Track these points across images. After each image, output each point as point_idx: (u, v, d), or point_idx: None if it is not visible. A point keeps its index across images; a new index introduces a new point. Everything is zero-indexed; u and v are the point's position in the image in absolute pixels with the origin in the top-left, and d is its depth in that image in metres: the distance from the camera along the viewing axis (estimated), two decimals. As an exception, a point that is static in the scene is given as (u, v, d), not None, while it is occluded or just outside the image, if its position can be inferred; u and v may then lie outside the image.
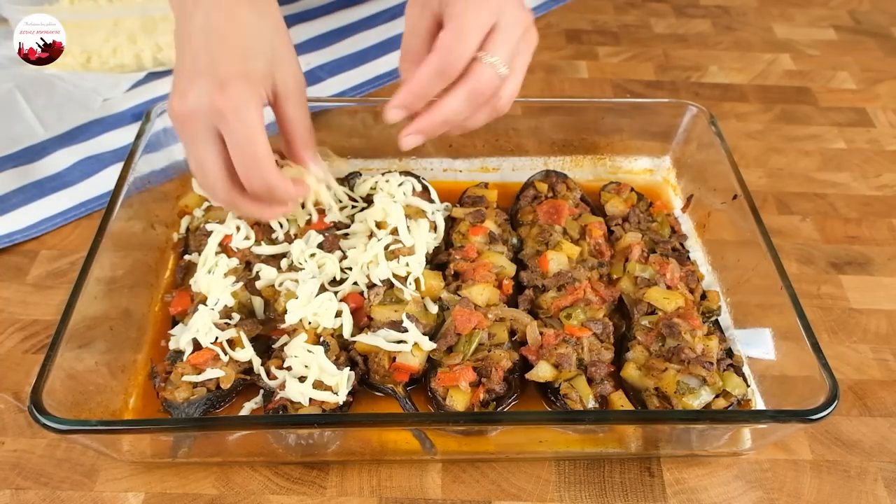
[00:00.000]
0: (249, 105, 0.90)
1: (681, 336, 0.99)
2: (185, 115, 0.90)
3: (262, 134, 0.91)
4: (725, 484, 0.95)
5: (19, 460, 0.94)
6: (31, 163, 1.30)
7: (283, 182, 0.95)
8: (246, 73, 0.91)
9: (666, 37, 1.74)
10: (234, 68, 0.90)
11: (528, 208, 1.21)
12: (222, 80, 0.89)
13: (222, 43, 0.92)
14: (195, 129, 0.91)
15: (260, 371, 0.97)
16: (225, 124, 0.89)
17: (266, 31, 0.95)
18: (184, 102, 0.90)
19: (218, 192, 0.95)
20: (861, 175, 1.39)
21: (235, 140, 0.90)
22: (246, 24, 0.94)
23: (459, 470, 0.95)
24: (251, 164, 0.91)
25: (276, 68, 0.95)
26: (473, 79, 0.95)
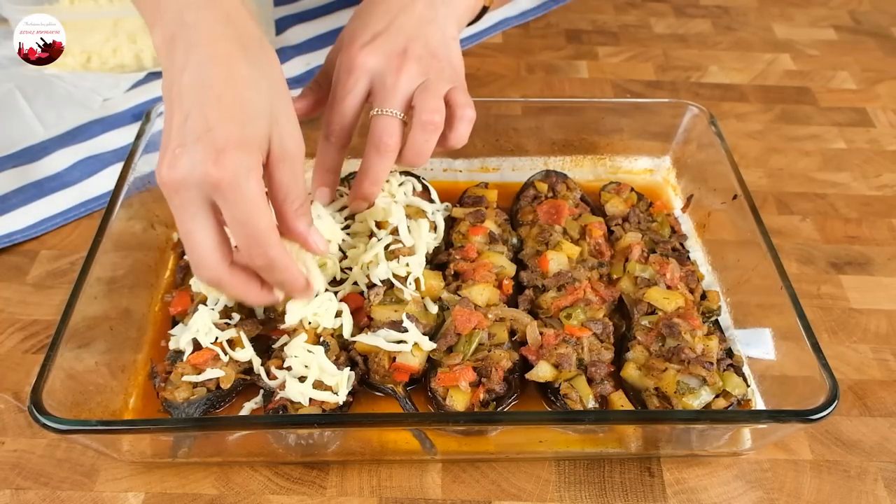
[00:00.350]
0: (249, 176, 0.80)
1: (681, 336, 0.99)
2: (175, 184, 0.80)
3: (264, 207, 0.82)
4: (725, 484, 0.95)
5: (19, 460, 0.94)
6: (31, 163, 1.30)
7: (288, 260, 0.87)
8: (244, 140, 0.81)
9: (666, 37, 1.74)
10: (232, 135, 0.80)
11: (528, 208, 1.21)
12: (218, 148, 0.79)
13: (218, 103, 0.81)
14: (185, 200, 0.81)
15: (260, 371, 0.97)
16: (223, 199, 0.80)
17: (265, 89, 0.85)
18: (174, 170, 0.80)
19: (207, 269, 0.85)
20: (861, 175, 1.39)
21: (235, 216, 0.81)
22: (244, 82, 0.83)
23: (459, 470, 0.95)
24: (254, 239, 0.82)
25: (273, 130, 0.84)
26: (372, 135, 0.98)
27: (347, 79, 1.00)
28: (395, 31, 1.01)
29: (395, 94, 0.98)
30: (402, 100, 0.99)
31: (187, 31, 0.84)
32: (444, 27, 1.04)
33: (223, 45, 0.84)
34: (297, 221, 0.89)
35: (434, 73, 1.00)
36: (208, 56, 0.83)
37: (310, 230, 0.90)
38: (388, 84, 0.99)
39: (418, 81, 0.99)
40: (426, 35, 1.02)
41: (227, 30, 0.85)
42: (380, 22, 1.02)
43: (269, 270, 0.86)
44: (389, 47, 1.00)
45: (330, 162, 1.04)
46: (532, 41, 1.70)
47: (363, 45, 1.00)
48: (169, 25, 0.86)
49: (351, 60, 1.00)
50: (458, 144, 1.01)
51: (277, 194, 0.86)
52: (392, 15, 1.02)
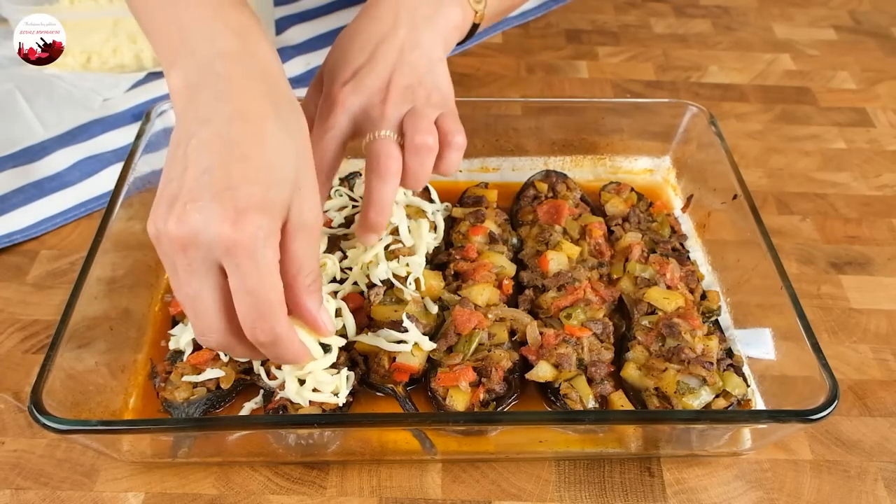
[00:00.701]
0: (267, 243, 0.74)
1: (681, 336, 0.99)
2: (182, 241, 0.73)
3: (277, 278, 0.76)
4: (725, 484, 0.95)
5: (19, 460, 0.94)
6: (31, 163, 1.30)
7: (294, 338, 0.81)
8: (267, 204, 0.74)
9: (666, 37, 1.74)
10: (255, 196, 0.73)
11: (528, 208, 1.21)
12: (239, 208, 0.72)
13: (244, 162, 0.75)
14: (194, 259, 0.74)
15: (260, 371, 0.97)
16: (234, 264, 0.73)
17: (292, 152, 0.79)
18: (183, 225, 0.73)
19: (215, 335, 0.79)
20: (861, 175, 1.39)
21: (245, 285, 0.74)
22: (273, 144, 0.77)
23: (459, 470, 0.95)
24: (261, 314, 0.75)
25: (294, 198, 0.78)
26: (371, 161, 0.91)
27: (328, 117, 0.94)
28: (377, 63, 0.95)
29: (384, 121, 0.92)
30: (394, 124, 0.93)
31: (217, 81, 0.79)
32: (429, 51, 0.98)
33: (256, 103, 0.79)
34: (307, 299, 0.82)
35: (421, 100, 0.95)
36: (238, 112, 0.77)
37: (320, 310, 0.84)
38: (375, 116, 0.93)
39: (405, 109, 0.93)
40: (410, 62, 0.95)
41: (261, 87, 0.80)
42: (360, 55, 0.96)
43: (272, 346, 0.79)
44: (371, 83, 0.94)
45: None
46: (532, 41, 1.70)
47: (344, 84, 0.94)
48: (194, 71, 0.80)
49: (332, 99, 0.94)
50: (449, 173, 0.96)
51: (290, 267, 0.79)
52: (373, 46, 0.96)
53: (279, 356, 0.82)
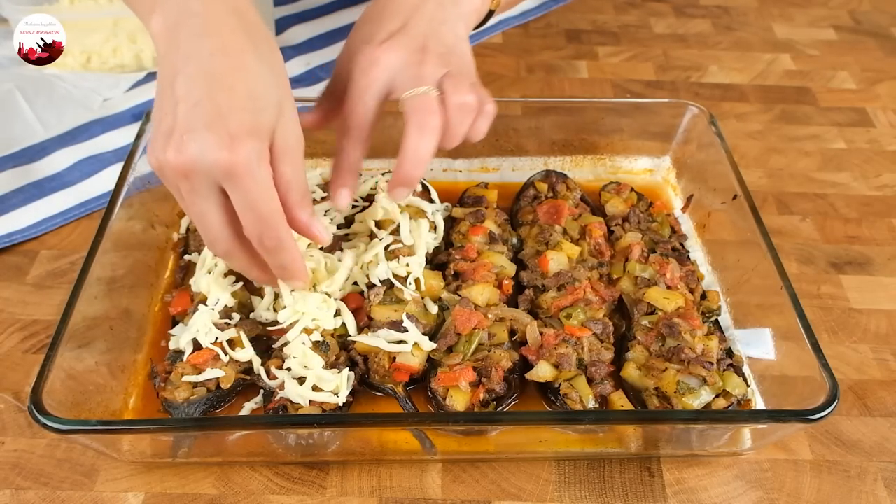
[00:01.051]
0: (260, 163, 0.82)
1: (681, 336, 0.99)
2: (184, 168, 0.81)
3: (274, 191, 0.84)
4: (725, 484, 0.95)
5: (19, 460, 0.94)
6: (31, 163, 1.30)
7: (295, 246, 0.89)
8: (256, 128, 0.82)
9: (666, 37, 1.74)
10: (245, 122, 0.81)
11: (528, 208, 1.21)
12: (232, 134, 0.80)
13: (229, 91, 0.82)
14: (196, 184, 0.82)
15: (260, 371, 0.97)
16: (235, 184, 0.82)
17: (272, 83, 0.86)
18: (182, 154, 0.80)
19: (221, 245, 0.88)
20: (861, 175, 1.39)
21: (247, 201, 0.83)
22: (254, 74, 0.85)
23: (459, 470, 0.95)
24: (264, 223, 0.84)
25: (278, 125, 0.86)
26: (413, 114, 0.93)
27: (368, 73, 0.97)
28: (411, 29, 0.99)
29: (423, 80, 0.95)
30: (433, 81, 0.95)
31: (193, 20, 0.85)
32: (454, 27, 1.03)
33: (233, 37, 0.85)
34: (300, 212, 0.89)
35: (455, 67, 0.98)
36: (218, 46, 0.84)
37: (312, 220, 0.91)
38: (413, 74, 0.96)
39: (442, 72, 0.97)
40: (441, 34, 1.01)
41: (237, 22, 0.86)
42: (393, 22, 1.00)
43: (277, 252, 0.87)
44: (409, 43, 0.98)
45: (349, 161, 1.00)
46: (532, 41, 1.70)
47: (381, 42, 0.98)
48: (171, 13, 0.86)
49: (371, 56, 0.97)
50: (476, 138, 1.00)
51: (280, 186, 0.87)
52: (405, 15, 1.01)
53: (283, 263, 0.90)
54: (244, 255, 0.90)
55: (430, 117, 0.93)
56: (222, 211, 0.85)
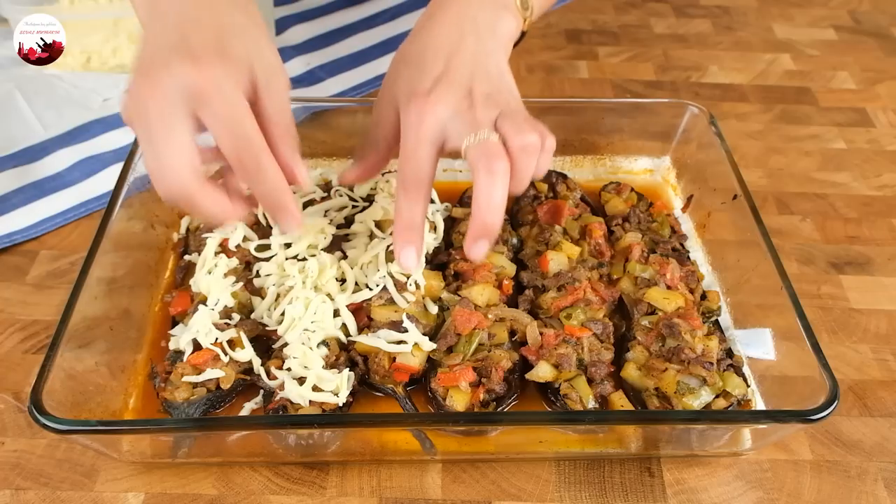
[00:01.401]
0: (232, 84, 0.81)
1: (681, 336, 0.99)
2: (152, 96, 0.78)
3: (248, 111, 0.82)
4: (725, 484, 0.95)
5: (19, 460, 0.94)
6: (31, 163, 1.30)
7: (278, 169, 0.85)
8: (222, 53, 0.81)
9: (666, 37, 1.74)
10: (209, 47, 0.81)
11: (528, 208, 1.21)
12: (197, 56, 0.79)
13: (196, 24, 0.82)
14: (164, 110, 0.79)
15: (260, 371, 0.97)
16: (206, 104, 0.80)
17: (242, 21, 0.86)
18: (149, 81, 0.79)
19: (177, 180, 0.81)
20: (861, 175, 1.39)
21: (221, 118, 0.80)
22: (225, 13, 0.86)
23: (459, 470, 0.95)
24: (243, 143, 0.82)
25: (255, 59, 0.85)
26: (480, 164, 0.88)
27: (420, 126, 0.91)
28: (455, 72, 0.94)
29: (479, 124, 0.90)
30: (491, 128, 0.90)
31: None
32: (497, 59, 0.98)
33: None
34: (283, 147, 0.87)
35: (504, 105, 0.94)
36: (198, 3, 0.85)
37: (296, 157, 0.88)
38: (468, 121, 0.91)
39: (495, 114, 0.92)
40: (485, 70, 0.95)
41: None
42: (436, 65, 0.94)
43: (259, 174, 0.84)
44: (456, 90, 0.92)
45: (411, 218, 0.94)
46: (532, 41, 1.70)
47: (429, 93, 0.92)
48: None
49: (421, 108, 0.91)
50: (540, 176, 0.96)
51: (264, 120, 0.85)
52: (446, 56, 0.95)
53: (268, 191, 0.86)
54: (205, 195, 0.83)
55: (497, 162, 0.88)
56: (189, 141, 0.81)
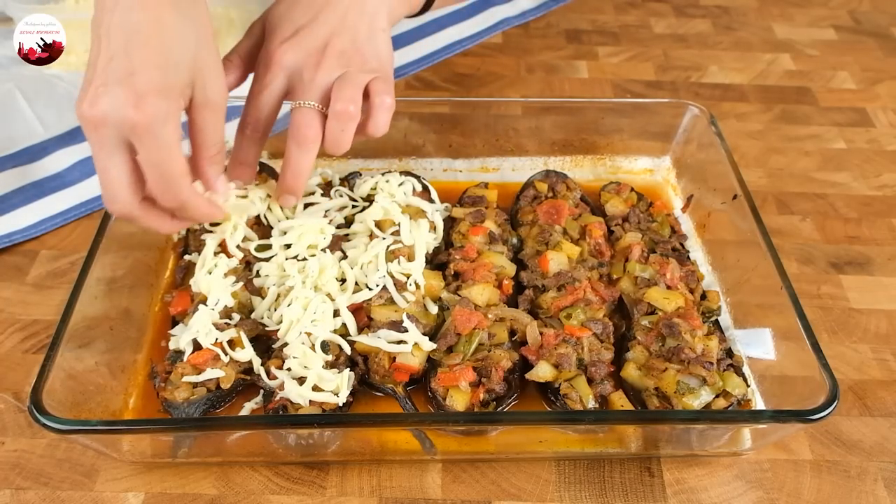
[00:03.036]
0: (167, 121, 0.85)
1: (681, 336, 0.99)
2: (94, 122, 0.84)
3: (178, 152, 0.87)
4: (725, 484, 0.95)
5: (19, 460, 0.94)
6: (31, 163, 1.30)
7: (198, 199, 0.94)
8: (165, 87, 0.86)
9: (666, 37, 1.74)
10: (153, 81, 0.85)
11: (528, 208, 1.21)
12: (139, 93, 0.83)
13: (143, 48, 0.85)
14: (104, 137, 0.85)
15: (260, 371, 0.97)
16: (139, 141, 0.85)
17: (191, 38, 0.89)
18: (94, 108, 0.84)
19: (119, 203, 0.89)
20: (861, 175, 1.39)
21: (150, 159, 0.86)
22: (170, 30, 0.87)
23: (459, 470, 0.95)
24: (166, 183, 0.88)
25: (197, 78, 0.89)
26: (291, 128, 0.99)
27: (265, 74, 1.01)
28: (319, 26, 1.01)
29: (312, 87, 0.99)
30: (320, 92, 0.99)
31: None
32: (372, 18, 1.03)
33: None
34: (209, 167, 0.95)
35: (355, 65, 1.01)
36: (138, 2, 0.86)
37: (218, 178, 0.97)
38: (306, 79, 1.00)
39: (337, 74, 1.00)
40: (352, 27, 1.02)
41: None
42: (304, 15, 1.02)
43: (181, 210, 0.92)
44: (309, 44, 1.00)
45: (245, 156, 1.04)
46: (532, 41, 1.70)
47: (283, 42, 1.01)
48: None
49: (269, 56, 1.01)
50: (377, 133, 1.01)
51: (195, 138, 0.93)
52: (317, 7, 1.02)
53: (191, 217, 0.96)
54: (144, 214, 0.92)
55: (307, 131, 0.98)
56: (127, 168, 0.87)
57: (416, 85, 1.56)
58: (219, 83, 0.93)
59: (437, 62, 1.60)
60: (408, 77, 1.56)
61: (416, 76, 1.57)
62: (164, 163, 0.86)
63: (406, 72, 1.56)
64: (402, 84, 1.54)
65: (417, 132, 1.30)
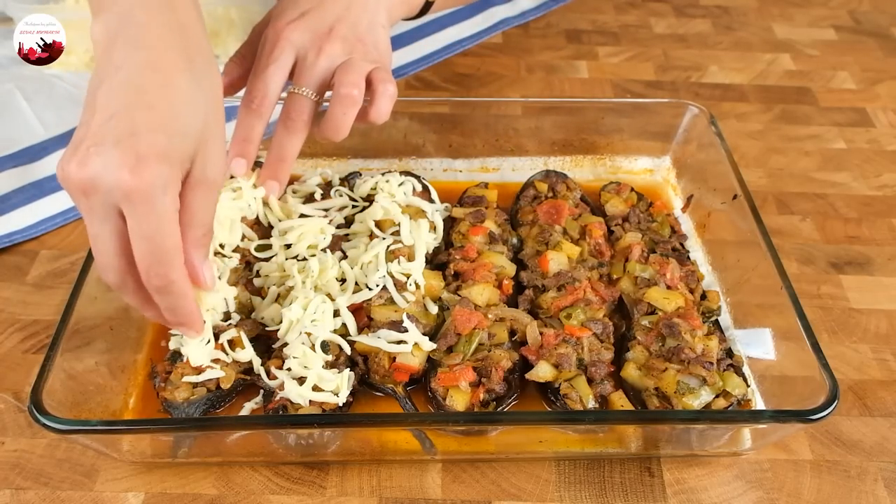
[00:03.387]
0: (166, 191, 0.76)
1: (681, 336, 0.99)
2: (83, 185, 0.75)
3: (174, 226, 0.78)
4: (725, 484, 0.95)
5: (19, 460, 0.94)
6: (31, 163, 1.30)
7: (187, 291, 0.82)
8: (168, 153, 0.76)
9: (666, 37, 1.74)
10: (157, 145, 0.75)
11: (528, 208, 1.21)
12: (140, 155, 0.74)
13: (149, 111, 0.77)
14: (93, 203, 0.76)
15: (260, 371, 0.97)
16: (132, 210, 0.75)
17: (202, 107, 0.81)
18: (84, 169, 0.74)
19: (111, 274, 0.80)
20: (861, 175, 1.39)
21: (142, 231, 0.76)
22: (181, 95, 0.79)
23: (459, 470, 0.95)
24: (156, 260, 0.77)
25: (199, 151, 0.80)
26: (283, 111, 1.01)
27: (273, 49, 1.02)
28: (324, 11, 1.03)
29: (312, 72, 1.00)
30: (319, 79, 1.01)
31: (134, 30, 0.80)
32: (372, 14, 1.06)
33: (169, 54, 0.81)
34: (194, 252, 0.83)
35: (358, 53, 1.03)
36: (150, 61, 0.79)
37: (204, 264, 0.86)
38: (309, 61, 1.01)
39: (340, 60, 1.01)
40: (354, 18, 1.04)
41: (177, 39, 0.82)
42: (309, 1, 1.04)
43: (166, 294, 0.80)
44: (315, 25, 1.02)
45: (249, 131, 1.03)
46: (532, 41, 1.70)
47: (290, 22, 1.02)
48: (114, 20, 0.81)
49: (277, 33, 1.02)
50: (379, 120, 1.03)
51: (184, 217, 0.80)
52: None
53: (172, 307, 0.83)
54: (137, 290, 0.82)
55: (297, 117, 1.00)
56: (117, 238, 0.78)
57: (416, 85, 1.56)
58: (221, 161, 0.84)
59: (437, 62, 1.60)
60: (408, 77, 1.56)
61: (416, 76, 1.57)
62: (158, 236, 0.76)
63: (406, 72, 1.56)
64: (402, 84, 1.54)
65: (417, 132, 1.30)
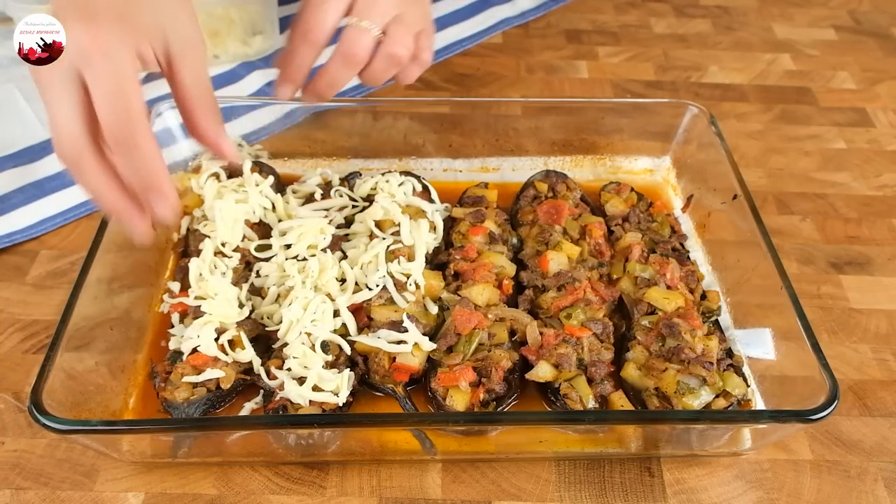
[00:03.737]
0: (122, 50, 0.78)
1: (681, 336, 0.99)
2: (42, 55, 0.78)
3: (135, 83, 0.78)
4: (725, 484, 0.95)
5: (19, 460, 0.94)
6: (31, 163, 1.30)
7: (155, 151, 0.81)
8: (123, 17, 0.79)
9: (666, 37, 1.74)
10: (112, 9, 0.78)
11: (528, 208, 1.21)
12: (93, 15, 0.78)
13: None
14: (52, 71, 0.78)
15: (260, 371, 0.97)
16: (90, 69, 0.77)
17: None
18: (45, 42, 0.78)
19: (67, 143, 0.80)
20: (861, 175, 1.39)
21: (103, 88, 0.77)
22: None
23: (459, 470, 0.95)
24: (122, 118, 0.78)
25: (168, 25, 0.82)
26: (343, 43, 0.99)
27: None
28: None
29: (376, 10, 0.99)
30: (382, 19, 0.99)
31: None
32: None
33: None
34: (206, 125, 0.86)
35: (410, 9, 1.02)
36: None
37: (218, 129, 0.88)
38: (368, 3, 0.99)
39: (395, 12, 1.00)
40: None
41: None
42: None
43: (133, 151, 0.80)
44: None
45: (301, 59, 1.01)
46: (532, 41, 1.70)
47: None
48: None
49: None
50: (405, 82, 1.05)
51: (181, 93, 0.84)
52: None
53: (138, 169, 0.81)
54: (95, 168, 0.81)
55: (358, 51, 0.99)
56: (78, 106, 0.79)
57: (416, 85, 1.55)
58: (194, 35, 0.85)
59: (437, 62, 1.60)
60: (408, 77, 1.56)
61: (416, 76, 1.57)
62: (119, 92, 0.77)
63: (406, 72, 1.56)
64: (402, 84, 1.54)
65: (417, 132, 1.30)
